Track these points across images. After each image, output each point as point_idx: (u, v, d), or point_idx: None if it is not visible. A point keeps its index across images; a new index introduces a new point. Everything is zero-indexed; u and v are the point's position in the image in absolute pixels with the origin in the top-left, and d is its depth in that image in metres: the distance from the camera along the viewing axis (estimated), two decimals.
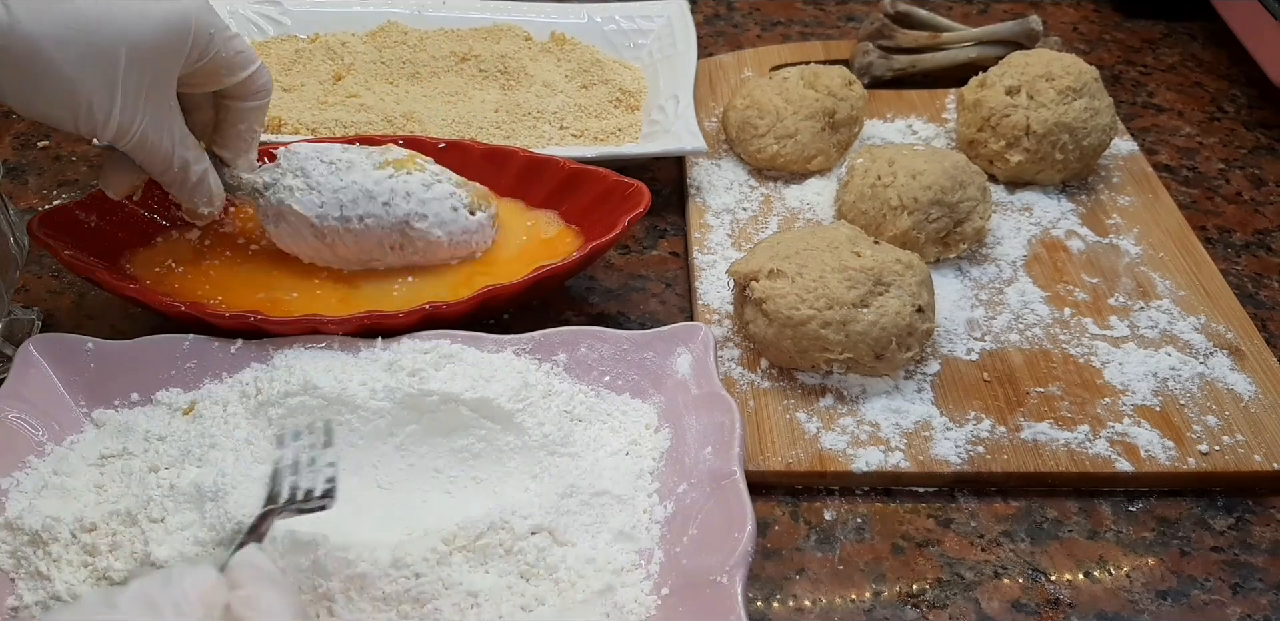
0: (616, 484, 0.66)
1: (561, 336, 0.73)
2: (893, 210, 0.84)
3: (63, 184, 0.98)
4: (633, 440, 0.69)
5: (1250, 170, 1.03)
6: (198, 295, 0.78)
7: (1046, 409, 0.75)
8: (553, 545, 0.63)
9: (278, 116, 0.96)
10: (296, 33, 1.11)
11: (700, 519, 0.63)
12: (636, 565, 0.63)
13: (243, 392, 0.69)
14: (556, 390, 0.71)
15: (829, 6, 1.30)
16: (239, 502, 0.62)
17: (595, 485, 0.65)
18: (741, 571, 0.58)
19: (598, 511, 0.65)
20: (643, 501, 0.66)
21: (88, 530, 0.63)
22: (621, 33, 1.11)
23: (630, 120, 1.00)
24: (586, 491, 0.65)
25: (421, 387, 0.67)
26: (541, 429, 0.67)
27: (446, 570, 0.61)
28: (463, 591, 0.60)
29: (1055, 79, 0.92)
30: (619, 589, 0.61)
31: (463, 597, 0.60)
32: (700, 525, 0.62)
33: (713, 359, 0.71)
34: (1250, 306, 0.85)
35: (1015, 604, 0.66)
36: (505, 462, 0.68)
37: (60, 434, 0.69)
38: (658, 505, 0.66)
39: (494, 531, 0.62)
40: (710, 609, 0.57)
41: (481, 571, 0.62)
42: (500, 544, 0.62)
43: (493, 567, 0.62)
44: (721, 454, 0.64)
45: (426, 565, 0.61)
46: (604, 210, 0.82)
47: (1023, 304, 0.84)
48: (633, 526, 0.64)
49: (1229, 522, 0.71)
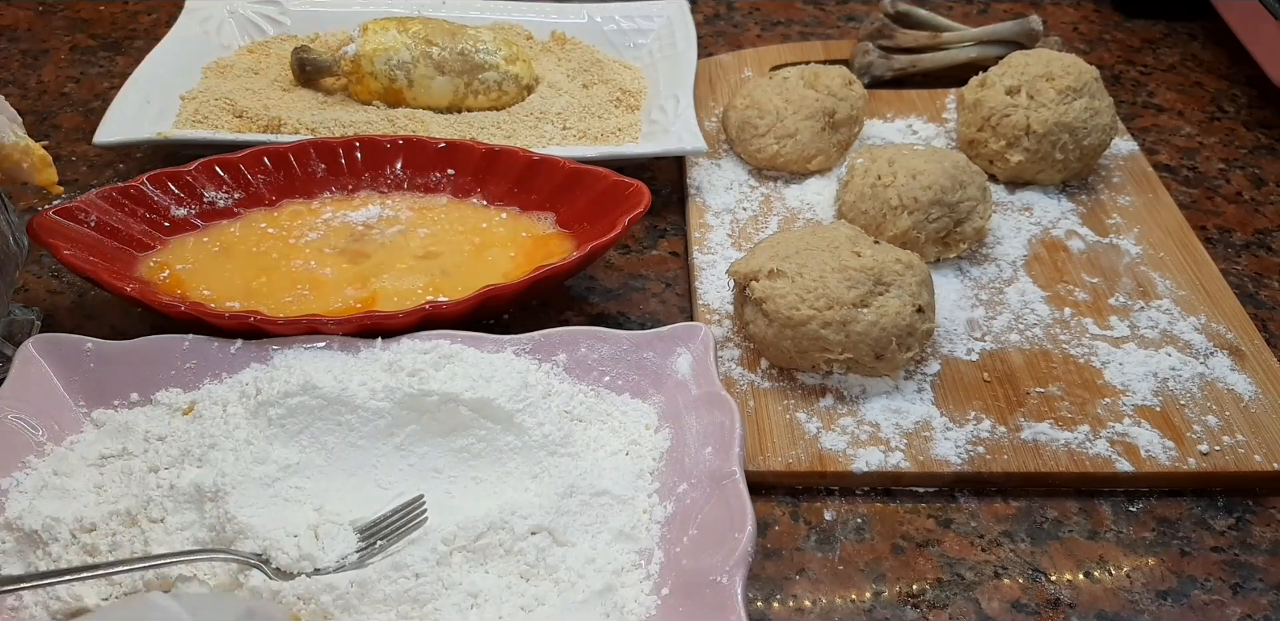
0: (616, 484, 0.66)
1: (561, 336, 0.73)
2: (893, 210, 0.84)
3: (62, 184, 0.97)
4: (633, 440, 0.69)
5: (1250, 170, 1.03)
6: (201, 295, 0.78)
7: (1047, 409, 0.75)
8: (553, 545, 0.63)
9: (278, 117, 0.96)
10: (296, 33, 1.11)
11: (700, 519, 0.63)
12: (636, 565, 0.63)
13: (242, 392, 0.69)
14: (556, 390, 0.71)
15: (829, 6, 1.30)
16: (239, 502, 0.62)
17: (595, 485, 0.65)
18: (741, 571, 0.58)
19: (598, 511, 0.65)
20: (643, 501, 0.66)
21: (87, 530, 0.63)
22: (621, 32, 1.11)
23: (630, 120, 1.00)
24: (586, 491, 0.65)
25: (421, 387, 0.67)
26: (541, 429, 0.67)
27: (446, 570, 0.61)
28: (463, 591, 0.60)
29: (1055, 79, 0.92)
30: (619, 589, 0.61)
31: (463, 598, 0.60)
32: (700, 525, 0.62)
33: (713, 359, 0.71)
34: (1250, 306, 0.85)
35: (1015, 604, 0.66)
36: (505, 462, 0.68)
37: (60, 434, 0.69)
38: (658, 505, 0.66)
39: (494, 531, 0.62)
40: (710, 609, 0.57)
41: (481, 571, 0.62)
42: (500, 544, 0.62)
43: (492, 568, 0.62)
44: (721, 454, 0.64)
45: (426, 565, 0.61)
46: (604, 210, 0.82)
47: (1023, 304, 0.84)
48: (633, 526, 0.64)
49: (1229, 522, 0.71)
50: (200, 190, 0.85)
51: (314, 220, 0.86)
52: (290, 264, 0.82)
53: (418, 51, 0.98)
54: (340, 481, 0.66)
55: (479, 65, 0.99)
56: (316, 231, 0.85)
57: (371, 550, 0.62)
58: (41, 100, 1.09)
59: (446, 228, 0.86)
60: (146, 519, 0.63)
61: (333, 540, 0.62)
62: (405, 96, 0.99)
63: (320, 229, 0.85)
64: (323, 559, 0.61)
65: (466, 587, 0.61)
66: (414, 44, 0.98)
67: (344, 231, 0.85)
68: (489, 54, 1.00)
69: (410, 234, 0.85)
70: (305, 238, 0.84)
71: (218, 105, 0.98)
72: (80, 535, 0.63)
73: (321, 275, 0.81)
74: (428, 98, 1.00)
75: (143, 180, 0.83)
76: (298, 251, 0.83)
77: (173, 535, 0.62)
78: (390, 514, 0.63)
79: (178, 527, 0.62)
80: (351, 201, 0.88)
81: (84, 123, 1.05)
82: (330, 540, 0.62)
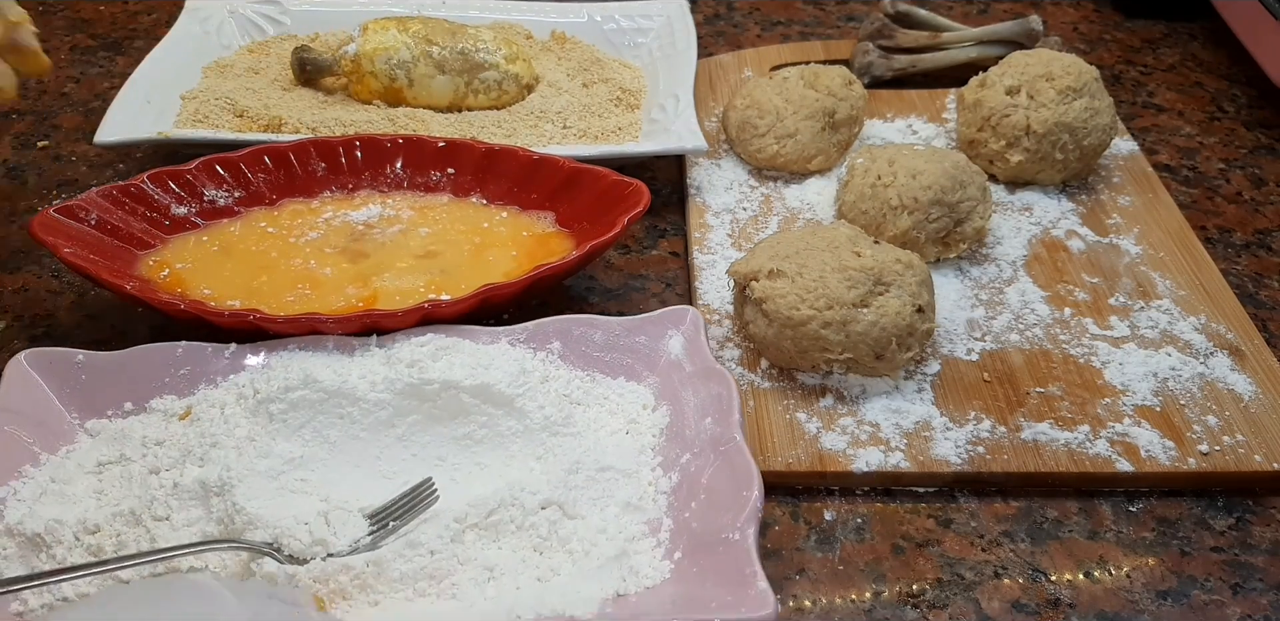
0: (620, 460, 0.67)
1: (554, 325, 0.74)
2: (893, 210, 0.84)
3: (63, 184, 0.98)
4: (631, 420, 0.71)
5: (1250, 170, 1.03)
6: (202, 294, 0.78)
7: (1047, 409, 0.75)
8: (563, 518, 0.64)
9: (278, 116, 0.96)
10: (296, 32, 1.11)
11: (707, 483, 0.64)
12: (646, 534, 0.64)
13: (240, 394, 0.69)
14: (553, 375, 0.72)
15: (829, 6, 1.30)
16: (246, 494, 0.62)
17: (599, 461, 0.66)
18: (753, 526, 0.59)
19: (604, 485, 0.66)
20: (647, 475, 0.67)
21: (91, 532, 0.63)
22: (621, 31, 1.11)
23: (630, 119, 1.00)
24: (591, 466, 0.66)
25: (421, 376, 0.68)
26: (542, 411, 0.68)
27: (460, 547, 0.62)
28: (478, 566, 0.61)
29: (1055, 79, 0.92)
30: (632, 555, 0.62)
31: (479, 572, 0.61)
32: (707, 489, 0.64)
33: (704, 337, 0.72)
34: (1250, 306, 0.85)
35: (1015, 604, 0.66)
36: (508, 446, 0.69)
37: (54, 445, 0.69)
38: (662, 477, 0.67)
39: (504, 508, 0.63)
40: (725, 565, 0.59)
41: (495, 547, 0.63)
42: (511, 520, 0.63)
43: (505, 543, 0.63)
44: (722, 421, 0.66)
45: (441, 542, 0.62)
46: (603, 209, 0.82)
47: (1023, 304, 0.84)
48: (639, 498, 0.66)
49: (1229, 522, 0.71)
50: (200, 189, 0.85)
51: (314, 219, 0.86)
52: (290, 263, 0.82)
53: (418, 51, 0.98)
54: (345, 473, 0.67)
55: (479, 64, 0.99)
56: (317, 230, 0.85)
57: (384, 532, 0.63)
58: (41, 100, 1.09)
59: (447, 227, 0.86)
60: (151, 517, 0.63)
61: (344, 526, 0.62)
62: (405, 96, 0.99)
63: (320, 228, 0.85)
64: (335, 543, 0.61)
65: (482, 562, 0.62)
66: (414, 43, 0.99)
67: (344, 230, 0.85)
68: (489, 53, 1.00)
69: (410, 233, 0.85)
70: (305, 237, 0.84)
71: (218, 105, 0.98)
72: (84, 537, 0.62)
73: (321, 275, 0.81)
74: (428, 97, 1.00)
75: (143, 179, 0.83)
76: (297, 250, 0.83)
77: (179, 531, 0.62)
78: (400, 497, 0.64)
79: (184, 524, 0.62)
80: (352, 200, 0.88)
81: (84, 123, 1.05)
82: (341, 526, 0.62)
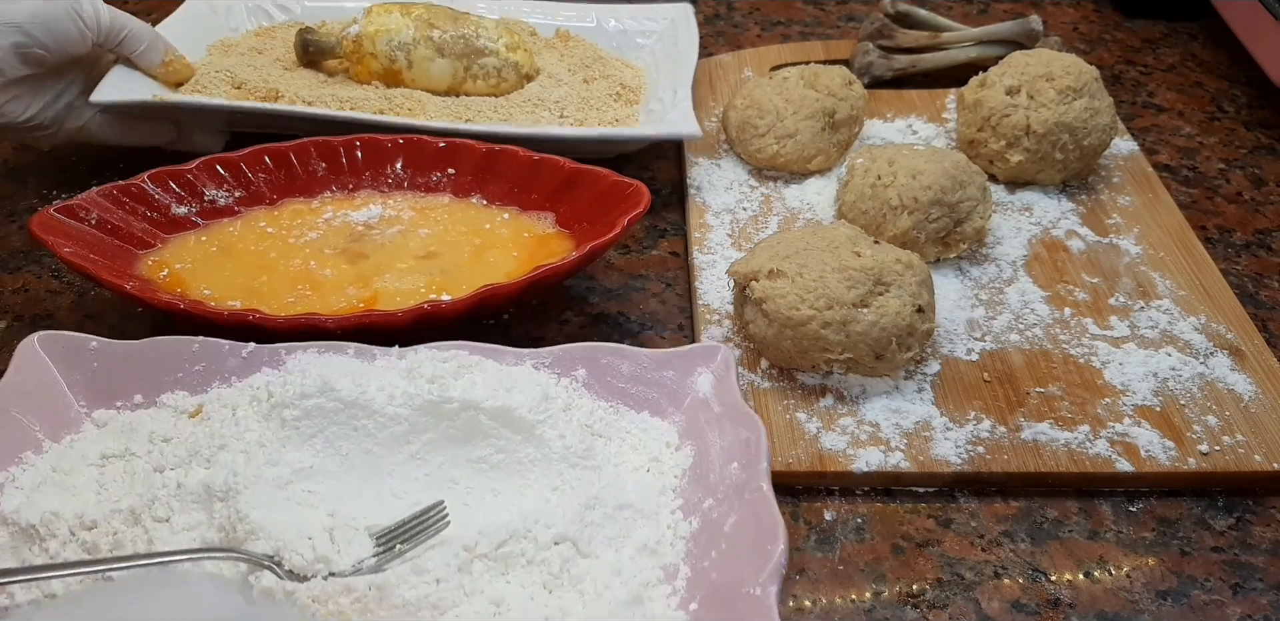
0: (640, 498, 0.64)
1: (581, 351, 0.72)
2: (893, 210, 0.84)
3: (62, 184, 0.98)
4: (653, 457, 0.68)
5: (1250, 170, 1.03)
6: (202, 294, 0.78)
7: (1046, 409, 0.75)
8: (576, 556, 0.61)
9: (275, 88, 0.96)
10: (304, 20, 1.11)
11: (729, 532, 0.61)
12: (661, 580, 0.61)
13: (253, 397, 0.67)
14: (576, 404, 0.69)
15: (829, 6, 1.30)
16: (250, 502, 0.60)
17: (618, 498, 0.64)
18: (776, 583, 0.56)
19: (621, 524, 0.63)
20: (666, 517, 0.64)
21: (88, 527, 0.61)
22: (624, 33, 1.11)
23: (628, 112, 1.00)
24: (610, 503, 0.63)
25: (441, 394, 0.65)
26: (562, 441, 0.65)
27: (468, 578, 0.59)
28: (485, 599, 0.59)
29: (1055, 79, 0.92)
30: (646, 601, 0.60)
31: (485, 605, 0.58)
32: (729, 539, 0.61)
33: (734, 377, 0.69)
34: (1250, 306, 0.85)
35: (1015, 604, 0.66)
36: (524, 474, 0.66)
37: (59, 432, 0.68)
38: (682, 521, 0.64)
39: (516, 539, 0.60)
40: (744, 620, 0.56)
41: (503, 581, 0.60)
42: (523, 553, 0.60)
43: (514, 577, 0.60)
44: (749, 468, 0.63)
45: (448, 571, 0.59)
46: (603, 210, 0.82)
47: (1023, 304, 0.84)
48: (657, 541, 0.63)
49: (1229, 522, 0.71)
50: (201, 188, 0.85)
51: (314, 219, 0.86)
52: (290, 263, 0.82)
53: (419, 33, 0.98)
54: (354, 488, 0.64)
55: (479, 50, 0.99)
56: (317, 231, 0.85)
57: (389, 554, 0.60)
58: None
59: (448, 228, 0.86)
60: (151, 518, 0.61)
61: (348, 544, 0.60)
62: (404, 77, 0.99)
63: (320, 228, 0.85)
64: (338, 562, 0.59)
65: (489, 596, 0.59)
66: (416, 26, 0.99)
67: (344, 231, 0.85)
68: (490, 40, 1.00)
69: (410, 234, 0.85)
70: (305, 237, 0.84)
71: (218, 77, 0.97)
72: (80, 532, 0.61)
73: (321, 275, 0.81)
74: (426, 80, 0.99)
75: (143, 178, 0.83)
76: (297, 251, 0.83)
77: (179, 535, 0.61)
78: (409, 519, 0.62)
79: (184, 527, 0.61)
80: (352, 201, 0.88)
81: None
82: (346, 544, 0.60)
